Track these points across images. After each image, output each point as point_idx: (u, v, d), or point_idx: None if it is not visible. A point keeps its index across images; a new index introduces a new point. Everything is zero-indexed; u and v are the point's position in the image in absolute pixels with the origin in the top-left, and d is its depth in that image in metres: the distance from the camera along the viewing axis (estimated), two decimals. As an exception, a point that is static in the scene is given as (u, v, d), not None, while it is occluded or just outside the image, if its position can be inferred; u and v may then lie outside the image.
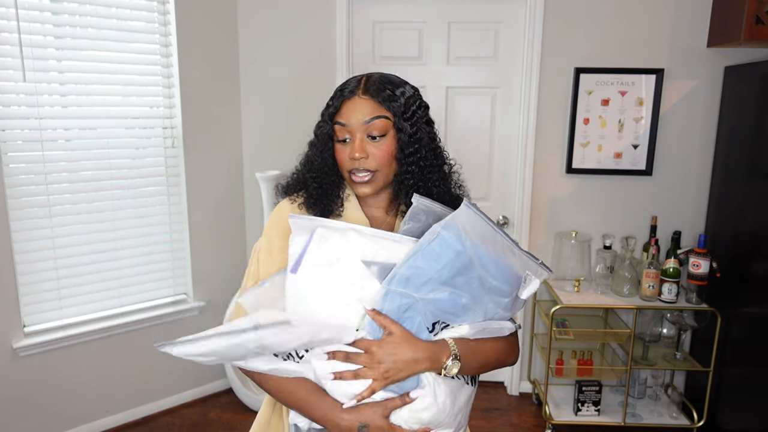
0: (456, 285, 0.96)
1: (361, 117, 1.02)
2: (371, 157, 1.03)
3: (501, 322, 1.04)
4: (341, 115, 1.04)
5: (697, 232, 2.76)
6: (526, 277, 1.02)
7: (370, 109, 1.03)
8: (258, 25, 2.85)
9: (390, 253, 0.97)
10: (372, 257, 0.96)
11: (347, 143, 1.04)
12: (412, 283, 0.94)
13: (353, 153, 1.02)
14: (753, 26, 2.30)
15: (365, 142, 1.03)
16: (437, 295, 0.95)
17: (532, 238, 2.91)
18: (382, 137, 1.04)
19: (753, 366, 2.39)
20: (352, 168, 1.04)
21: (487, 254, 0.96)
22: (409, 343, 0.95)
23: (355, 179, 1.05)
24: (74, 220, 2.49)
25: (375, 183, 1.06)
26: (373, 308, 0.95)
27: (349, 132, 1.03)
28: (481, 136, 2.90)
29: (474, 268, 0.95)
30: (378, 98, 1.03)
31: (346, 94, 1.04)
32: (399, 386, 0.97)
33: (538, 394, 2.94)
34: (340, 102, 1.04)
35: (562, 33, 2.70)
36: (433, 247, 0.94)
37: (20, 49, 2.24)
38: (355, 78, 1.08)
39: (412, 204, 1.01)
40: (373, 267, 0.96)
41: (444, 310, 0.97)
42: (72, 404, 2.56)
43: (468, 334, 1.00)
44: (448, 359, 0.96)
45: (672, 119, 2.74)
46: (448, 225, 0.94)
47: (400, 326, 0.96)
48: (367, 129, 1.03)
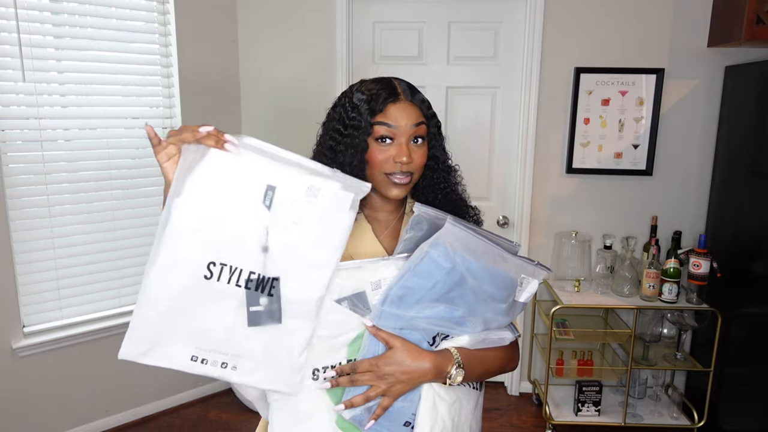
0: (450, 299, 0.96)
1: (410, 121, 1.03)
2: (414, 162, 1.04)
3: (501, 333, 1.04)
4: (387, 116, 1.02)
5: (698, 232, 2.76)
6: (522, 281, 1.01)
7: (416, 114, 1.04)
8: (258, 24, 2.85)
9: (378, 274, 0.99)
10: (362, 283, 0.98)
11: (387, 144, 1.03)
12: (405, 302, 0.95)
13: (400, 156, 1.01)
14: (753, 26, 2.30)
15: (410, 146, 1.03)
16: (432, 311, 0.96)
17: (532, 238, 2.91)
18: (423, 141, 1.06)
19: (753, 366, 2.39)
20: (394, 171, 1.03)
21: (478, 266, 0.96)
22: (412, 354, 0.96)
23: (397, 181, 1.03)
24: (74, 220, 2.49)
25: (410, 186, 1.06)
26: (373, 324, 0.96)
27: (393, 134, 1.02)
28: (481, 136, 2.90)
29: (466, 281, 0.96)
30: (419, 104, 1.05)
31: (387, 97, 1.03)
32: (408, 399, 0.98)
33: (538, 394, 2.94)
34: (384, 104, 1.02)
35: (562, 33, 2.70)
36: (423, 266, 0.95)
37: (20, 49, 2.24)
38: (383, 81, 1.06)
39: (414, 213, 1.01)
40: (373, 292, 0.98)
41: (441, 324, 0.98)
42: (72, 404, 2.56)
43: (468, 345, 1.00)
44: (452, 368, 0.97)
45: (672, 119, 2.73)
46: (435, 243, 0.95)
47: (401, 338, 0.97)
48: (414, 132, 1.03)
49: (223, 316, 0.90)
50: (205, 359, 0.91)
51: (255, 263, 0.90)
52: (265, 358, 0.93)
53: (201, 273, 0.88)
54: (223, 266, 0.89)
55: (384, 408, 0.96)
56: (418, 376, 0.96)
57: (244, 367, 0.92)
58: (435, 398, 0.99)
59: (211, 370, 0.92)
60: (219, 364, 0.91)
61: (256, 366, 0.93)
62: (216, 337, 0.91)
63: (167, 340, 0.89)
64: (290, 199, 0.90)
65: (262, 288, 0.91)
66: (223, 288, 0.89)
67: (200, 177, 0.86)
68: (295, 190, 0.90)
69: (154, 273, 0.87)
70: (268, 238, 0.89)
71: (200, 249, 0.87)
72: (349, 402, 0.96)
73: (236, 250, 0.89)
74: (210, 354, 0.91)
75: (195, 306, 0.89)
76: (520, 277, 1.01)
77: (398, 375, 0.95)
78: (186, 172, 0.86)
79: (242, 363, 0.92)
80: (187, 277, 0.87)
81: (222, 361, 0.91)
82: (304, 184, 0.90)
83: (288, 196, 0.90)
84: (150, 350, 0.89)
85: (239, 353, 0.92)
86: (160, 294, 0.87)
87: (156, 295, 0.87)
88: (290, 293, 0.92)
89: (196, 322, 0.89)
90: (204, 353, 0.91)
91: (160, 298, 0.87)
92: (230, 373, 0.92)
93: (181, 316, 0.89)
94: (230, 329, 0.90)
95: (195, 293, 0.88)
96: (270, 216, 0.89)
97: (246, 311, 0.91)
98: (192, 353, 0.91)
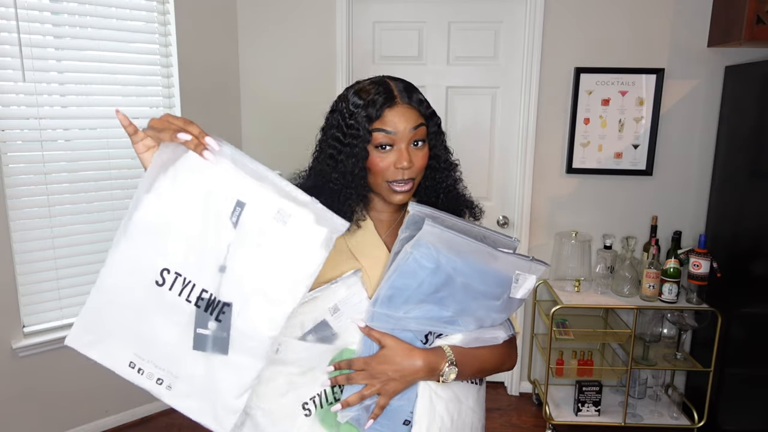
0: (439, 300, 0.96)
1: (408, 125, 1.00)
2: (415, 166, 1.02)
3: (494, 331, 1.03)
4: (385, 123, 0.99)
5: (698, 232, 2.76)
6: (517, 277, 1.00)
7: (414, 117, 1.01)
8: (258, 25, 2.85)
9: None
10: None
11: (387, 151, 1.00)
12: (394, 302, 0.96)
13: (401, 162, 0.99)
14: (753, 26, 2.30)
15: (410, 151, 1.01)
16: (421, 311, 0.96)
17: (532, 238, 2.91)
18: (423, 143, 1.03)
19: (753, 366, 2.39)
20: (396, 177, 1.01)
21: (465, 265, 0.95)
22: (404, 352, 0.96)
23: (398, 188, 1.01)
24: (74, 220, 2.49)
25: (412, 191, 1.04)
26: (365, 325, 0.97)
27: (392, 140, 1.00)
28: (481, 136, 2.90)
29: (454, 280, 0.95)
30: (416, 105, 1.02)
31: (384, 103, 1.00)
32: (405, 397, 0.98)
33: (538, 394, 2.94)
34: (381, 111, 0.99)
35: (562, 33, 2.70)
36: (408, 267, 0.95)
37: (20, 49, 2.24)
38: (379, 84, 1.03)
39: (409, 213, 1.00)
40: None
41: (432, 323, 0.98)
42: (72, 404, 2.56)
43: (461, 343, 1.00)
44: (445, 365, 0.97)
45: (672, 119, 2.73)
46: (418, 244, 0.94)
47: (394, 337, 0.97)
48: (414, 136, 1.01)
49: (170, 330, 0.84)
50: (142, 369, 0.86)
51: (209, 281, 0.84)
52: (202, 387, 0.86)
53: (153, 277, 0.83)
54: (178, 276, 0.83)
55: (381, 407, 0.97)
56: (410, 374, 0.96)
57: (178, 390, 0.86)
58: (432, 396, 0.99)
59: (146, 383, 0.86)
60: (155, 379, 0.86)
61: (190, 392, 0.87)
62: (158, 350, 0.85)
63: (111, 337, 0.85)
64: (257, 219, 0.83)
65: (212, 310, 0.84)
66: (174, 300, 0.84)
67: (173, 177, 0.83)
68: (264, 210, 0.83)
69: (110, 263, 0.83)
70: (227, 258, 0.83)
71: (158, 251, 0.83)
72: (345, 401, 0.96)
73: (193, 263, 0.83)
74: (148, 365, 0.86)
75: (144, 310, 0.84)
76: (514, 273, 1.00)
77: (390, 373, 0.95)
78: (159, 168, 0.83)
79: (178, 385, 0.86)
80: (139, 278, 0.83)
81: (158, 376, 0.86)
82: (276, 206, 0.83)
83: (256, 217, 0.83)
84: (94, 343, 0.85)
85: (178, 374, 0.86)
86: (112, 286, 0.83)
87: (109, 286, 0.83)
88: (241, 324, 0.84)
89: (142, 328, 0.84)
90: (143, 362, 0.85)
91: (112, 291, 0.83)
92: (163, 392, 0.86)
93: (128, 317, 0.84)
94: (174, 346, 0.85)
95: (146, 297, 0.83)
96: (235, 234, 0.83)
97: (193, 332, 0.85)
98: (131, 359, 0.85)
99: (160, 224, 0.83)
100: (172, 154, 0.83)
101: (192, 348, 0.85)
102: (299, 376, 0.98)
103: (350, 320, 0.98)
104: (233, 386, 0.86)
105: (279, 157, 2.83)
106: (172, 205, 0.83)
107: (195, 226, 0.83)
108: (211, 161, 0.82)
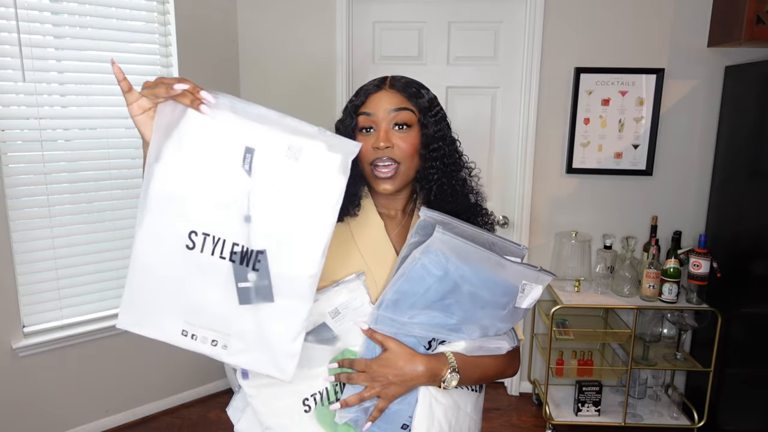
0: (445, 307, 0.96)
1: (388, 106, 1.01)
2: (396, 148, 1.01)
3: (498, 342, 1.03)
4: (367, 106, 1.02)
5: (698, 232, 2.76)
6: (524, 287, 1.00)
7: (397, 101, 1.02)
8: (258, 25, 2.85)
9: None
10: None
11: (371, 133, 1.02)
12: (400, 306, 0.96)
13: (378, 142, 1.00)
14: (753, 26, 2.30)
15: (390, 133, 1.01)
16: (426, 317, 0.96)
17: (532, 238, 2.91)
18: (408, 128, 1.03)
19: (754, 366, 2.39)
20: (376, 158, 1.01)
21: (473, 273, 0.95)
22: (406, 356, 0.96)
23: (378, 173, 1.01)
24: (74, 220, 2.49)
25: (398, 179, 1.03)
26: (369, 327, 0.97)
27: (374, 122, 1.02)
28: (481, 136, 2.90)
29: (461, 288, 0.95)
30: (404, 93, 1.03)
31: (371, 89, 1.04)
32: (406, 402, 0.98)
33: (538, 394, 2.94)
34: (366, 96, 1.03)
35: (562, 33, 2.70)
36: (415, 272, 0.95)
37: (20, 49, 2.24)
38: (378, 78, 1.07)
39: (419, 218, 1.00)
40: None
41: (436, 330, 0.98)
42: (72, 404, 2.56)
43: (464, 351, 1.00)
44: (447, 372, 0.97)
45: (672, 119, 2.73)
46: (427, 251, 0.94)
47: (397, 341, 0.97)
48: (394, 118, 1.01)
49: (212, 291, 0.85)
50: (195, 335, 0.86)
51: (238, 234, 0.83)
52: (256, 339, 0.87)
53: (183, 242, 0.83)
54: (206, 236, 0.83)
55: (380, 410, 0.97)
56: (410, 379, 0.96)
57: (234, 347, 0.87)
58: (432, 401, 0.99)
59: (201, 347, 0.87)
60: (209, 341, 0.87)
61: (247, 347, 0.87)
62: (206, 313, 0.86)
63: (158, 311, 0.85)
64: (270, 161, 0.82)
65: (247, 261, 0.84)
66: (208, 260, 0.83)
67: (178, 141, 0.82)
68: (274, 151, 0.82)
69: (138, 240, 0.83)
70: (250, 207, 0.83)
71: (181, 217, 0.82)
72: (344, 401, 0.96)
73: (218, 220, 0.83)
74: (200, 330, 0.86)
75: (183, 278, 0.84)
76: (521, 283, 0.99)
77: (391, 377, 0.95)
78: (163, 135, 0.82)
79: (233, 342, 0.87)
80: (170, 247, 0.83)
81: (212, 338, 0.87)
82: (284, 143, 0.82)
83: (267, 159, 0.82)
84: (142, 320, 0.85)
85: (230, 332, 0.86)
86: (146, 262, 0.83)
87: (144, 262, 0.83)
88: (279, 269, 0.84)
89: (186, 296, 0.85)
90: (194, 328, 0.86)
91: (148, 267, 0.83)
92: (220, 352, 0.87)
93: (170, 287, 0.84)
94: (220, 306, 0.85)
95: (181, 264, 0.83)
96: (251, 182, 0.82)
97: (235, 287, 0.85)
98: (182, 327, 0.86)
99: (177, 190, 0.82)
100: (170, 115, 0.82)
101: (239, 303, 0.85)
102: (300, 371, 0.98)
103: (353, 322, 0.98)
104: (286, 331, 0.87)
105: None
106: (184, 168, 0.82)
107: (211, 184, 0.83)
108: (210, 115, 0.81)
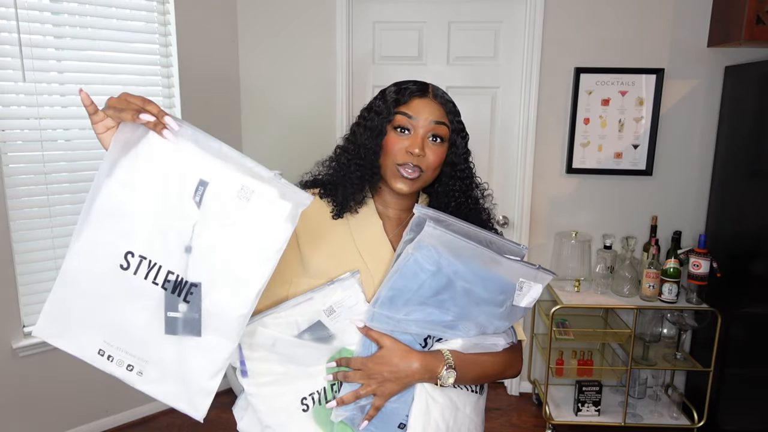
0: (440, 303, 0.96)
1: (430, 116, 1.03)
2: (426, 158, 1.03)
3: (495, 339, 1.03)
4: (409, 107, 1.03)
5: (698, 232, 2.76)
6: (522, 285, 0.99)
7: (439, 113, 1.04)
8: (258, 24, 2.85)
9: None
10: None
11: (405, 135, 1.03)
12: (395, 303, 0.96)
13: (413, 147, 1.01)
14: (753, 26, 2.30)
15: (425, 142, 1.03)
16: (421, 314, 0.96)
17: (532, 238, 2.91)
18: (442, 143, 1.05)
19: (753, 366, 2.39)
20: (405, 161, 1.02)
21: (467, 269, 0.95)
22: (402, 353, 0.96)
23: (404, 173, 1.02)
24: (74, 220, 2.48)
25: (417, 183, 1.04)
26: (364, 325, 0.97)
27: (413, 126, 1.03)
28: (481, 136, 2.90)
29: (455, 284, 0.95)
30: (445, 107, 1.06)
31: (415, 92, 1.05)
32: (401, 399, 0.98)
33: (538, 394, 2.94)
34: (410, 97, 1.04)
35: (562, 33, 2.70)
36: (408, 268, 0.95)
37: (20, 49, 2.24)
38: (419, 82, 1.08)
39: (413, 215, 1.00)
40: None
41: (432, 327, 0.98)
42: (72, 404, 2.56)
43: (460, 349, 1.00)
44: (443, 369, 0.97)
45: (672, 119, 2.73)
46: (418, 246, 0.94)
47: (392, 338, 0.97)
48: (433, 129, 1.03)
49: (139, 314, 0.84)
50: (112, 356, 0.85)
51: (175, 263, 0.83)
52: (174, 371, 0.86)
53: (117, 261, 0.82)
54: (143, 259, 0.82)
55: (377, 408, 0.97)
56: (406, 376, 0.96)
57: (150, 375, 0.86)
58: (428, 400, 0.99)
59: (116, 370, 0.85)
60: (125, 365, 0.85)
61: (162, 377, 0.86)
62: (128, 336, 0.84)
63: (79, 325, 0.84)
64: (221, 198, 0.82)
65: (180, 291, 0.83)
66: (141, 283, 0.83)
67: (134, 161, 0.81)
68: (227, 188, 0.82)
69: (74, 252, 0.82)
70: (193, 238, 0.83)
71: (121, 236, 0.82)
72: (340, 399, 0.96)
73: (158, 245, 0.82)
74: (117, 352, 0.85)
75: (110, 296, 0.83)
76: (518, 281, 0.99)
77: (386, 374, 0.95)
78: (120, 152, 0.82)
79: (149, 370, 0.86)
80: (103, 263, 0.82)
81: (129, 362, 0.85)
82: (238, 183, 0.82)
83: (219, 195, 0.82)
84: (62, 333, 0.84)
85: (148, 359, 0.85)
86: (77, 275, 0.82)
87: (74, 275, 0.82)
88: (210, 304, 0.84)
89: (110, 315, 0.83)
90: (112, 349, 0.85)
91: (77, 280, 0.82)
92: (134, 378, 0.86)
93: (95, 304, 0.83)
94: (144, 330, 0.84)
95: (111, 283, 0.82)
96: (199, 214, 0.82)
97: (164, 315, 0.84)
98: (100, 346, 0.84)
99: (122, 208, 0.82)
100: (131, 134, 0.82)
101: (164, 332, 0.84)
102: (298, 370, 0.98)
103: (349, 320, 0.98)
104: (206, 368, 0.86)
105: (280, 155, 2.83)
106: (134, 187, 0.82)
107: (158, 208, 0.82)
108: (171, 141, 0.81)
